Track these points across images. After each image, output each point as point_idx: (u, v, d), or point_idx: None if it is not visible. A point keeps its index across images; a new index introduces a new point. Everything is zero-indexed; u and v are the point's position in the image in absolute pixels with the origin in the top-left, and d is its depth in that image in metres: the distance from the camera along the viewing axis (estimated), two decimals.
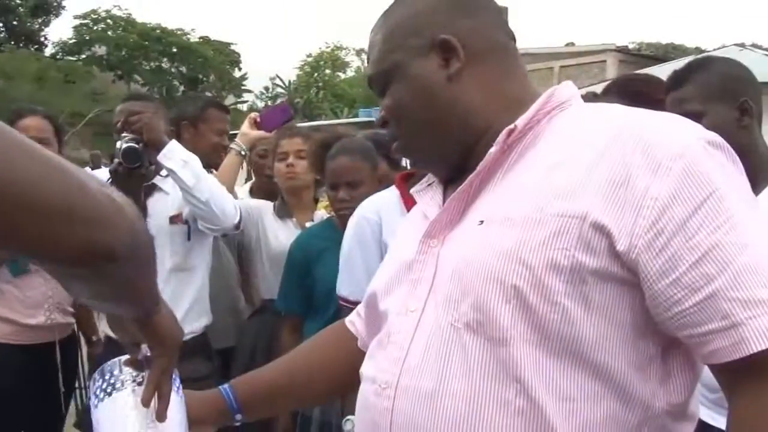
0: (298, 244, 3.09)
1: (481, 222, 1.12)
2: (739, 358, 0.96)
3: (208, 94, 43.61)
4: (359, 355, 1.32)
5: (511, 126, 1.14)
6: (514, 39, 1.28)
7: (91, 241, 0.75)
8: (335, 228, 2.96)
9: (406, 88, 1.23)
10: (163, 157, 2.75)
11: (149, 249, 0.89)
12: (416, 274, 1.19)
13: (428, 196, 1.30)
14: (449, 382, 1.08)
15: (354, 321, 1.49)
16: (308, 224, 3.35)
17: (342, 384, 1.47)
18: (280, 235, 3.36)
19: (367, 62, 1.31)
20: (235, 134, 3.41)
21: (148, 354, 1.18)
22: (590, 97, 3.03)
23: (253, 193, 3.82)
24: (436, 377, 1.09)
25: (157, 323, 1.12)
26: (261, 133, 3.38)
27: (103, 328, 3.05)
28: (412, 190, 1.37)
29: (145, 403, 1.14)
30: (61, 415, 3.36)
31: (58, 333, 3.23)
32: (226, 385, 1.42)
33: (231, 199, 3.00)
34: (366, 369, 1.25)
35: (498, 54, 1.23)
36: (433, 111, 1.21)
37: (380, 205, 2.62)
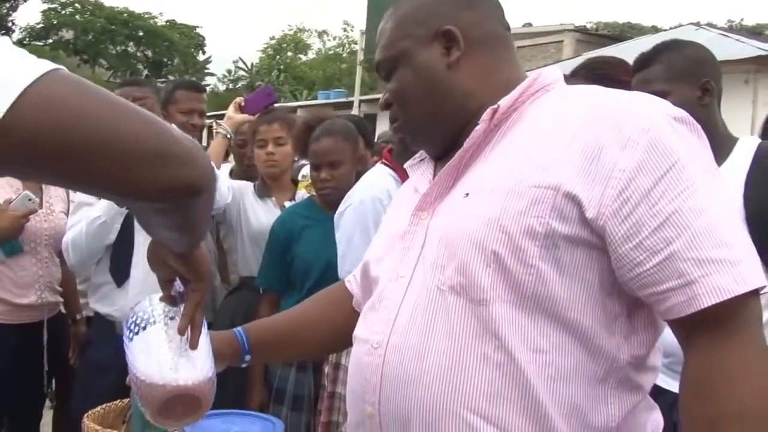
0: (281, 222, 3.18)
1: (467, 194, 1.24)
2: (692, 312, 1.06)
3: (171, 77, 43.13)
4: (354, 316, 1.43)
5: (495, 106, 1.26)
6: (508, 29, 1.41)
7: (183, 177, 0.86)
8: (316, 206, 3.11)
9: (412, 73, 1.34)
10: None
11: (215, 184, 0.98)
12: (407, 243, 1.30)
13: (420, 171, 1.44)
14: (434, 340, 1.18)
15: (351, 281, 1.61)
16: (287, 203, 3.45)
17: (340, 341, 1.55)
18: (260, 214, 3.45)
19: (377, 49, 1.41)
20: (213, 116, 3.52)
21: (180, 290, 1.29)
22: None
23: (233, 176, 3.91)
24: (423, 335, 1.19)
25: (197, 257, 1.23)
26: (246, 116, 3.47)
27: (93, 305, 3.15)
28: (405, 165, 1.50)
29: (181, 331, 1.23)
30: (43, 393, 3.46)
31: (47, 312, 3.32)
32: (240, 328, 1.52)
33: (223, 179, 3.15)
34: (359, 331, 1.35)
35: (493, 43, 1.35)
36: (434, 95, 1.33)
37: (388, 185, 2.67)
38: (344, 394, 1.81)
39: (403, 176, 2.21)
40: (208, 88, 51.66)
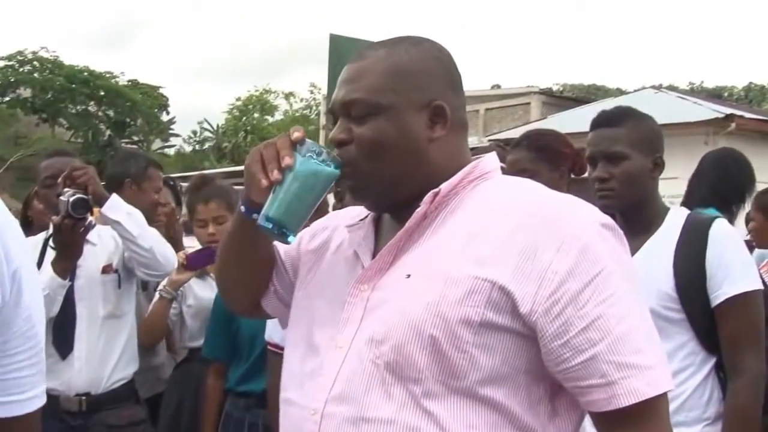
0: None
1: (408, 276, 1.29)
2: (612, 409, 1.20)
3: (135, 138, 42.98)
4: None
5: (436, 189, 1.32)
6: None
7: None
8: None
9: (394, 131, 1.33)
10: (107, 210, 2.87)
11: None
12: (346, 314, 1.34)
13: (360, 234, 1.43)
14: (368, 411, 1.24)
15: (281, 254, 1.56)
16: None
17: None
18: (197, 291, 3.40)
19: (344, 82, 1.38)
20: (178, 177, 3.45)
21: None
22: (495, 148, 3.15)
23: None
24: (358, 405, 1.25)
25: None
26: (188, 274, 3.27)
27: None
28: (345, 225, 1.48)
29: None
30: None
31: None
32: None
33: (169, 246, 3.12)
34: (295, 395, 1.38)
35: (463, 130, 1.42)
36: (409, 161, 1.34)
37: None
38: None
39: None
40: (173, 149, 51.81)
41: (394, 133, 1.33)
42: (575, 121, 12.75)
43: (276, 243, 1.52)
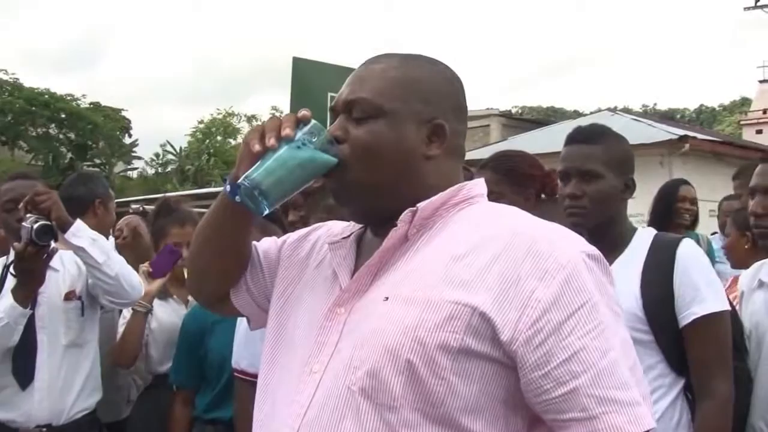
0: (192, 316, 3.10)
1: (386, 299, 1.25)
2: None
3: (98, 161, 42.37)
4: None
5: (414, 207, 1.29)
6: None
7: None
8: None
9: (390, 136, 1.32)
10: (71, 236, 2.79)
11: None
12: (322, 337, 1.31)
13: (342, 253, 1.40)
14: None
15: (258, 253, 1.53)
16: (190, 298, 3.29)
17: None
18: (161, 315, 3.36)
19: (351, 82, 1.37)
20: (141, 200, 3.43)
21: None
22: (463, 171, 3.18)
23: None
24: None
25: None
26: (158, 282, 3.25)
27: None
28: (327, 241, 1.45)
29: None
30: None
31: None
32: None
33: (135, 273, 3.06)
34: (268, 421, 1.36)
35: (457, 157, 1.40)
36: (402, 172, 1.33)
37: None
38: None
39: None
40: (136, 172, 50.87)
41: (391, 139, 1.32)
42: (535, 143, 12.91)
43: (255, 243, 1.51)
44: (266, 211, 1.29)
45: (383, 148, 1.32)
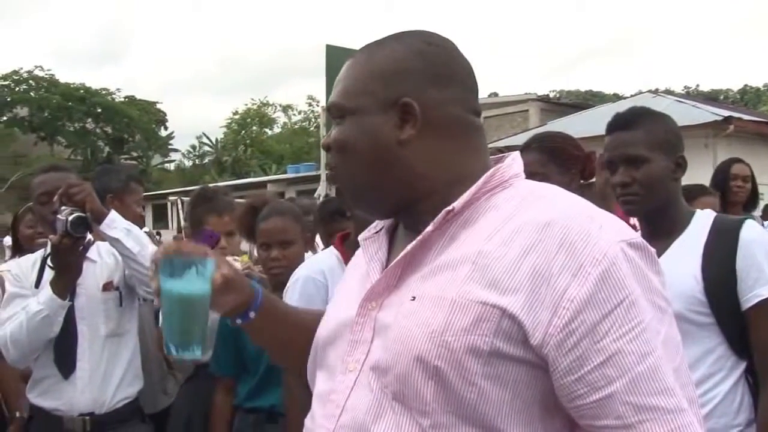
0: None
1: (413, 298, 1.20)
2: None
3: (135, 154, 42.89)
4: None
5: (450, 207, 1.22)
6: (479, 114, 1.33)
7: None
8: (264, 287, 2.96)
9: (357, 133, 1.27)
10: (106, 227, 2.79)
11: None
12: (356, 335, 1.27)
13: (374, 249, 1.36)
14: None
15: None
16: None
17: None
18: None
19: (334, 87, 1.34)
20: (179, 192, 3.41)
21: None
22: (495, 154, 3.11)
23: None
24: None
25: None
26: None
27: (33, 401, 2.99)
28: (360, 237, 1.42)
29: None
30: None
31: None
32: (258, 286, 1.46)
33: None
34: (307, 422, 1.34)
35: (454, 130, 1.28)
36: (376, 166, 1.27)
37: (325, 266, 2.70)
38: None
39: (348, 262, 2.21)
40: (173, 164, 51.65)
41: (357, 136, 1.27)
42: (573, 127, 12.71)
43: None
44: (199, 354, 1.32)
45: (355, 146, 1.28)
